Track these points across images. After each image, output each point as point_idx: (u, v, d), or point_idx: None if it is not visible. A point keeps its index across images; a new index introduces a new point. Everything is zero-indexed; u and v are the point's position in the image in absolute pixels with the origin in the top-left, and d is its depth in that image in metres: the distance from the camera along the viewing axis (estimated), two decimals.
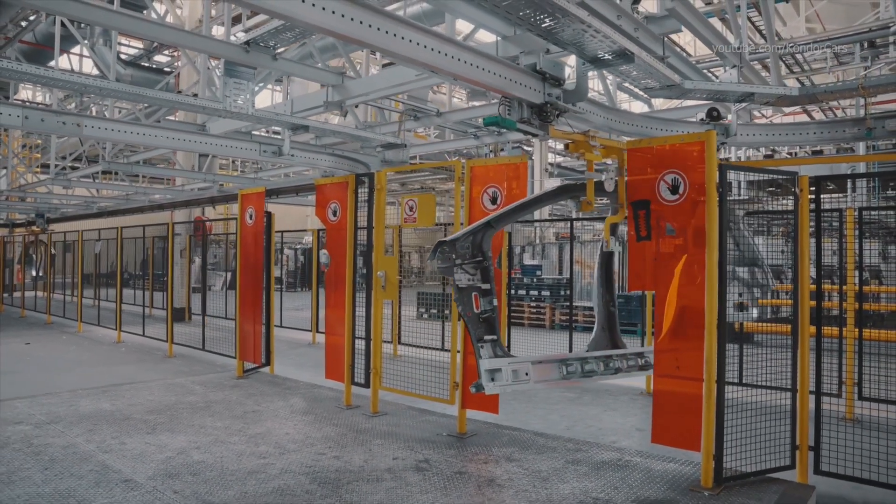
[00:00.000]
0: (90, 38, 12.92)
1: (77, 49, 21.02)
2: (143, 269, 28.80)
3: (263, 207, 9.01)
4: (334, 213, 7.68)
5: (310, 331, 14.53)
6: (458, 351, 6.50)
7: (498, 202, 6.20)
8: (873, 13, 16.94)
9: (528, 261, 20.40)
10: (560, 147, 20.19)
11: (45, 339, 14.55)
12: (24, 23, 12.48)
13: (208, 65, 9.08)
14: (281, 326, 15.27)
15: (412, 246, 35.40)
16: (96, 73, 17.96)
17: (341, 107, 7.86)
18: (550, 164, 22.54)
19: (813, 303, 5.35)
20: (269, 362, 9.48)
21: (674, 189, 5.17)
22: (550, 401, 8.47)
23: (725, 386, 4.96)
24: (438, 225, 11.39)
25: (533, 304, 17.08)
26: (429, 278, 33.81)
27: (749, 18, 13.69)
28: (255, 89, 7.68)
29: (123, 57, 17.71)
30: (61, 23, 9.48)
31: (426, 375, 7.29)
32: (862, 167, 17.58)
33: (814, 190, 5.32)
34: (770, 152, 21.74)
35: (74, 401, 7.73)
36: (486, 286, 5.25)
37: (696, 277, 5.03)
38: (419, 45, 4.60)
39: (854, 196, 16.46)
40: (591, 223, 27.96)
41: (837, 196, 17.01)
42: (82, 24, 10.48)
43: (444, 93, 17.90)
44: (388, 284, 6.81)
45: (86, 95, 13.36)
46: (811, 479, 5.05)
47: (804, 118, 20.34)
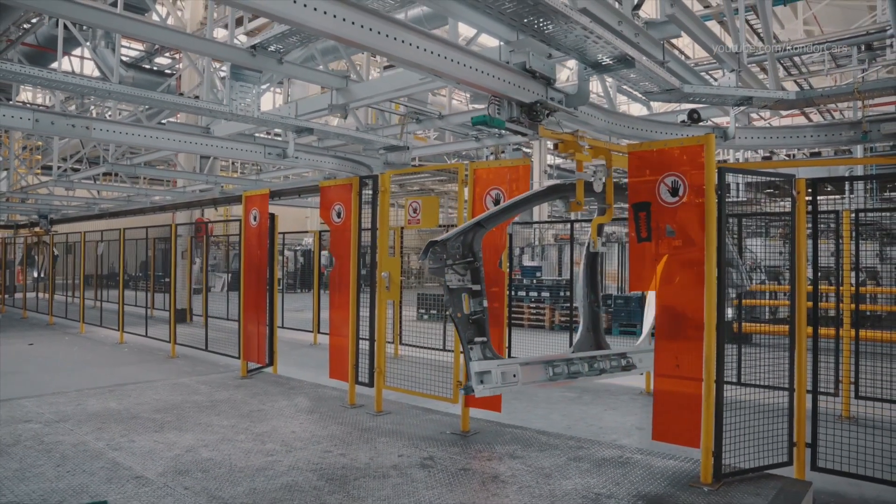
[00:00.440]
0: (92, 40, 13.02)
1: (78, 51, 21.17)
2: (142, 271, 28.90)
3: (268, 209, 9.10)
4: (338, 215, 7.78)
5: (311, 331, 14.61)
6: (462, 352, 6.60)
7: (500, 204, 6.30)
8: (870, 16, 17.08)
9: (527, 262, 20.51)
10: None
11: (48, 339, 14.63)
12: (26, 25, 12.58)
13: (211, 67, 9.16)
14: (282, 327, 15.36)
15: (412, 248, 35.50)
16: (97, 74, 18.08)
17: (346, 110, 7.97)
18: (549, 166, 22.65)
19: (810, 304, 5.46)
20: (272, 362, 9.58)
21: (674, 191, 5.27)
22: (551, 400, 8.57)
23: (724, 385, 5.07)
24: (441, 226, 11.52)
25: (532, 304, 17.20)
26: (428, 279, 33.90)
27: (747, 21, 13.80)
28: (259, 92, 7.77)
29: (124, 59, 17.76)
30: (64, 25, 9.57)
31: (428, 375, 7.38)
32: (860, 169, 17.70)
33: (811, 192, 5.43)
34: (768, 154, 21.86)
35: (82, 400, 7.82)
36: (477, 287, 5.22)
37: (694, 278, 5.13)
38: (412, 45, 4.55)
39: (852, 198, 16.58)
40: (588, 225, 28.06)
41: (835, 198, 17.15)
42: (84, 27, 10.55)
43: (444, 95, 18.02)
44: (392, 285, 6.90)
45: (87, 97, 13.45)
46: (808, 475, 5.16)
47: (802, 120, 20.46)
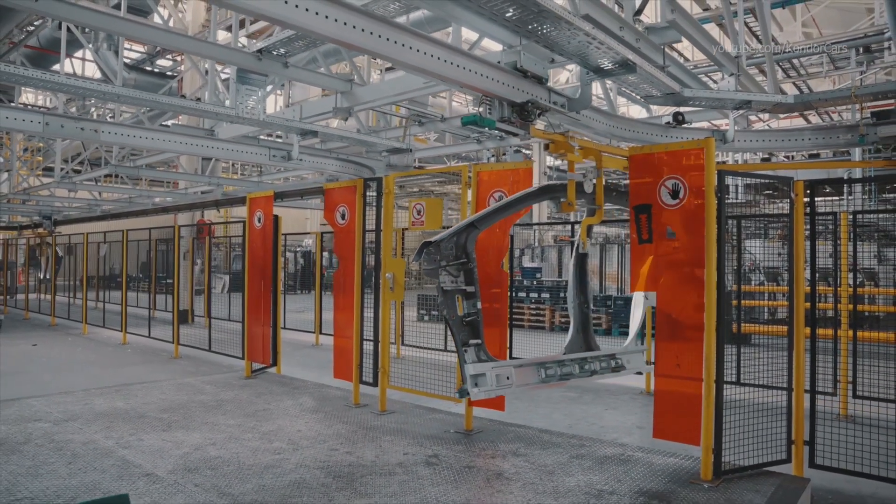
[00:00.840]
0: (94, 42, 13.10)
1: (79, 53, 21.23)
2: (142, 272, 28.98)
3: (272, 211, 9.20)
4: (342, 217, 7.87)
5: (312, 332, 14.69)
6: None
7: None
8: (868, 18, 17.19)
9: (527, 263, 20.61)
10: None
11: (52, 340, 14.72)
12: (29, 28, 12.67)
13: (215, 70, 9.24)
14: (284, 328, 15.41)
15: (413, 249, 35.58)
16: (99, 76, 18.15)
17: (350, 113, 8.06)
18: (549, 168, 22.75)
19: (808, 304, 5.56)
20: (276, 363, 9.67)
21: (674, 194, 5.37)
22: (552, 400, 8.66)
23: (724, 384, 5.17)
24: (445, 228, 11.56)
25: (533, 305, 17.30)
26: (428, 281, 33.98)
27: (746, 24, 13.90)
28: (265, 95, 7.86)
29: (126, 61, 17.84)
30: (67, 28, 9.63)
31: (430, 375, 7.48)
32: (858, 172, 17.80)
33: (809, 193, 5.53)
34: (767, 155, 21.97)
35: (89, 399, 7.91)
36: (471, 289, 5.20)
37: (694, 279, 5.23)
38: (397, 42, 4.53)
39: (850, 200, 16.67)
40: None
41: (833, 199, 17.23)
42: (86, 29, 10.62)
43: (445, 97, 18.10)
44: (396, 286, 7.00)
45: (87, 99, 13.52)
46: (806, 472, 5.27)
47: (801, 121, 20.57)
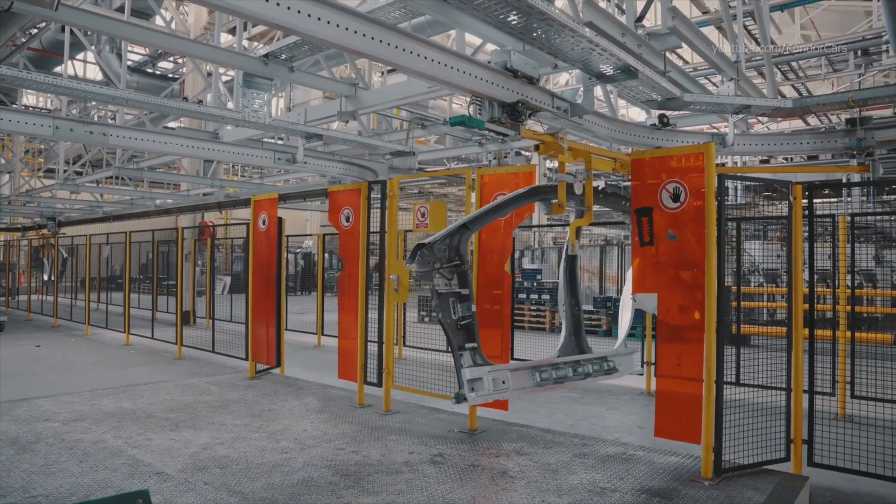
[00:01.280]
0: (97, 44, 13.18)
1: (80, 55, 21.32)
2: (143, 273, 29.04)
3: (276, 213, 9.30)
4: (347, 219, 7.97)
5: (314, 333, 14.77)
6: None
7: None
8: (866, 21, 17.31)
9: (527, 265, 20.70)
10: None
11: (55, 341, 14.80)
12: (32, 30, 12.75)
13: (216, 73, 9.32)
14: (286, 329, 15.52)
15: None
16: (100, 78, 18.24)
17: (354, 116, 8.16)
18: (549, 170, 22.84)
19: (806, 306, 5.65)
20: (279, 364, 9.76)
21: (675, 197, 5.48)
22: (554, 400, 8.75)
23: (724, 385, 5.27)
24: None
25: (533, 307, 17.42)
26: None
27: (745, 27, 14.01)
28: (270, 98, 7.95)
29: (128, 63, 17.93)
30: (70, 31, 9.69)
31: (432, 376, 7.58)
32: (857, 174, 17.88)
33: (807, 195, 5.63)
34: (766, 157, 22.05)
35: (95, 400, 7.99)
36: (465, 291, 5.12)
37: (694, 280, 5.33)
38: (382, 42, 4.39)
39: (849, 201, 16.76)
40: (588, 228, 28.26)
41: (832, 201, 17.30)
42: (87, 32, 10.68)
43: (445, 100, 18.20)
44: (401, 287, 7.09)
45: (88, 101, 13.60)
46: (805, 470, 5.37)
47: (800, 123, 20.67)
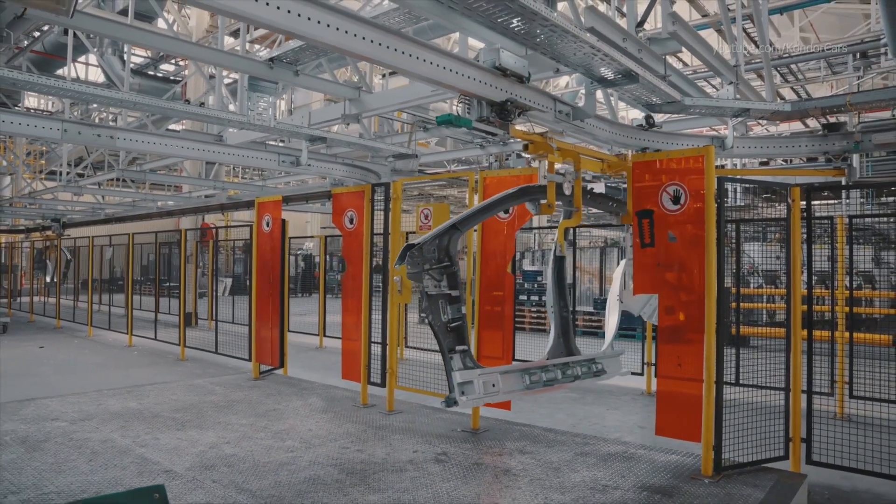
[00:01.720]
0: (99, 47, 13.26)
1: (82, 57, 21.42)
2: (143, 275, 29.13)
3: (280, 215, 9.39)
4: (351, 221, 8.05)
5: (315, 335, 14.84)
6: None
7: (510, 212, 6.59)
8: (865, 24, 17.41)
9: (528, 267, 20.79)
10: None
11: (58, 342, 14.87)
12: (35, 33, 12.84)
13: (220, 76, 9.38)
14: (288, 331, 15.61)
15: None
16: (102, 80, 18.32)
17: (358, 120, 8.24)
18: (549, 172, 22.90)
19: (805, 307, 5.74)
20: (283, 364, 9.84)
21: (675, 199, 5.57)
22: (555, 400, 8.83)
23: (724, 385, 5.35)
24: None
25: (534, 308, 17.50)
26: None
27: (744, 29, 14.10)
28: (275, 102, 8.05)
29: (130, 65, 18.03)
30: (73, 34, 9.75)
31: (434, 376, 7.65)
32: (856, 175, 17.97)
33: (806, 198, 5.72)
34: (766, 159, 22.16)
35: (102, 400, 8.07)
36: (455, 293, 5.06)
37: (694, 282, 5.42)
38: (364, 38, 4.35)
39: (848, 203, 16.85)
40: (587, 230, 28.38)
41: (832, 202, 17.38)
42: (90, 35, 10.74)
43: (447, 102, 18.29)
44: (405, 288, 7.17)
45: (90, 103, 13.68)
46: (803, 468, 5.45)
47: (799, 125, 20.77)
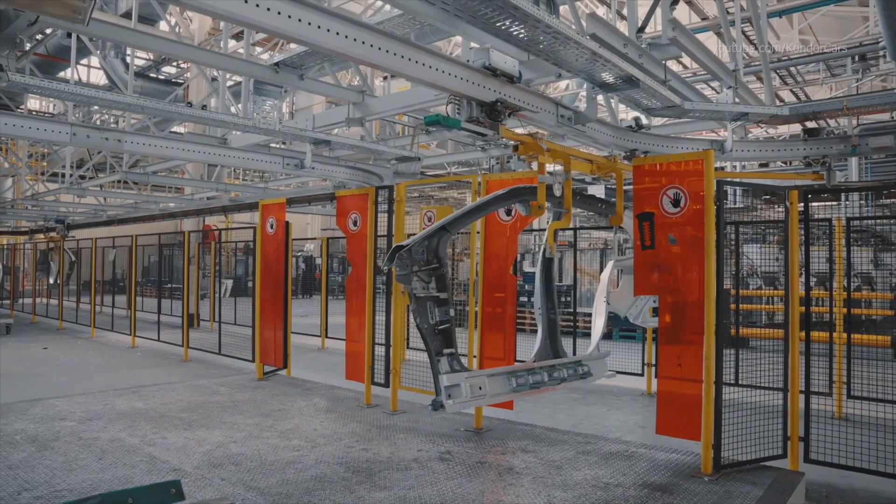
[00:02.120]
0: (102, 49, 13.37)
1: (84, 59, 21.51)
2: (144, 276, 29.23)
3: (284, 217, 9.49)
4: (355, 223, 8.15)
5: (317, 336, 14.92)
6: (475, 356, 7.00)
7: (512, 214, 6.69)
8: (863, 26, 17.53)
9: (528, 268, 20.88)
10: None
11: (61, 344, 14.95)
12: (39, 36, 12.95)
13: (223, 79, 9.47)
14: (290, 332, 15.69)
15: None
16: (105, 82, 18.42)
17: (362, 123, 8.35)
18: (549, 174, 23.01)
19: (802, 308, 5.84)
20: (286, 365, 9.93)
21: (675, 202, 5.67)
22: (556, 401, 8.93)
23: (723, 386, 5.45)
24: (458, 234, 11.92)
25: (534, 309, 17.56)
26: None
27: (744, 32, 14.19)
28: (280, 105, 8.15)
29: (133, 69, 18.12)
30: (76, 37, 9.81)
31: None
32: (855, 177, 18.07)
33: (804, 201, 5.82)
34: (764, 161, 22.27)
35: (108, 400, 8.16)
36: (443, 295, 5.03)
37: (694, 284, 5.52)
38: (346, 36, 4.29)
39: (847, 205, 16.94)
40: (587, 232, 28.50)
41: (831, 204, 17.49)
42: (93, 38, 10.81)
43: (449, 105, 18.34)
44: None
45: (91, 105, 13.77)
46: (801, 466, 5.54)
47: (799, 127, 20.89)
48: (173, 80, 21.12)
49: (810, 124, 8.42)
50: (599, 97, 6.93)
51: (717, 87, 7.76)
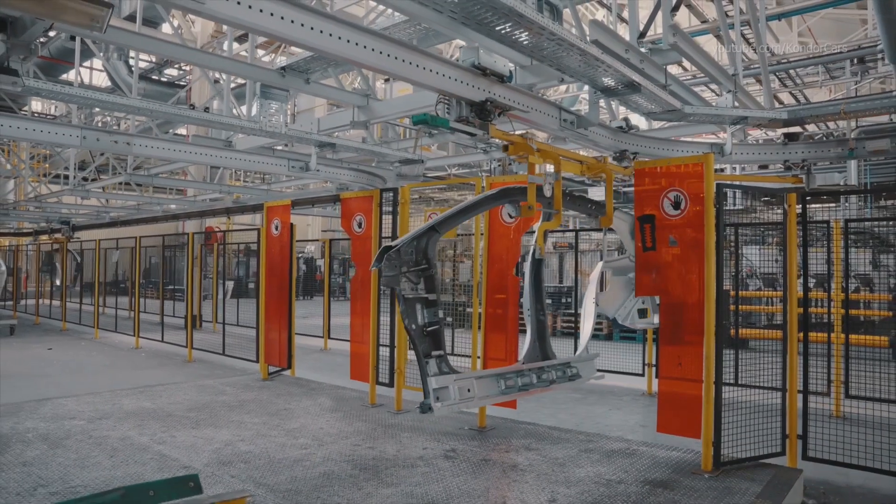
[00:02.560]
0: (105, 52, 13.47)
1: (87, 62, 21.60)
2: (145, 278, 29.33)
3: (289, 219, 9.60)
4: (359, 225, 8.26)
5: (319, 337, 15.02)
6: (479, 356, 7.11)
7: (514, 216, 6.79)
8: (862, 29, 17.64)
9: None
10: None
11: (65, 345, 15.05)
12: (42, 39, 13.05)
13: (228, 83, 9.57)
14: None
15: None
16: (107, 82, 18.54)
17: (367, 126, 8.46)
18: (549, 175, 23.13)
19: (801, 309, 5.95)
20: (290, 366, 10.03)
21: (676, 204, 5.78)
22: (557, 401, 9.03)
23: (723, 385, 5.56)
24: (460, 235, 12.08)
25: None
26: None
27: (743, 35, 14.29)
28: (286, 108, 8.26)
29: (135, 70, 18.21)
30: (81, 40, 9.91)
31: None
32: (854, 178, 18.18)
33: (807, 199, 5.94)
34: (763, 163, 22.36)
35: (116, 400, 8.26)
36: (432, 296, 4.97)
37: (694, 285, 5.63)
38: (323, 32, 4.30)
39: (846, 206, 17.03)
40: (587, 234, 28.62)
41: (830, 206, 17.59)
42: (96, 41, 10.90)
43: None
44: None
45: (93, 108, 13.90)
46: (799, 464, 5.65)
47: (798, 129, 20.99)
48: (175, 82, 21.25)
49: (792, 129, 8.53)
50: (601, 101, 7.06)
51: (717, 89, 7.87)
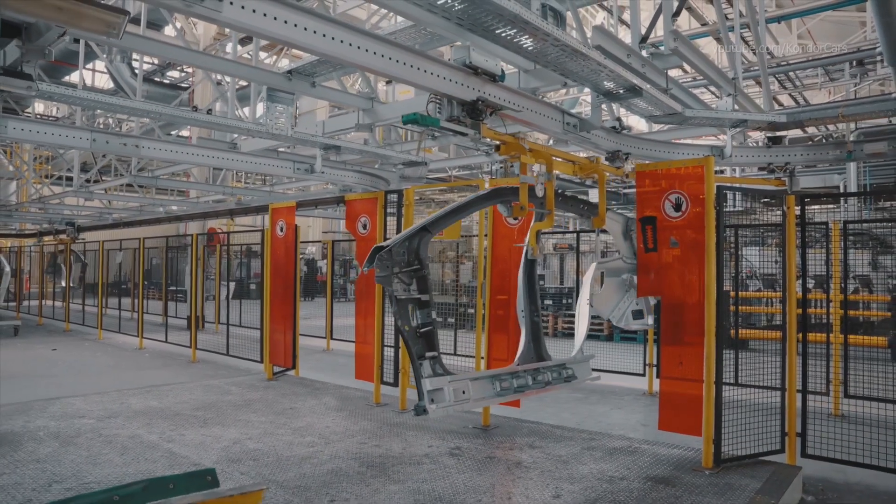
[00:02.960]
0: (108, 54, 13.56)
1: (90, 63, 21.73)
2: (147, 279, 29.41)
3: (294, 221, 9.71)
4: (364, 227, 8.36)
5: (322, 337, 15.12)
6: (483, 357, 7.21)
7: (519, 217, 6.87)
8: (861, 31, 17.76)
9: None
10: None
11: (69, 345, 15.14)
12: None
13: (232, 85, 9.66)
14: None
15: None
16: (110, 84, 18.64)
17: (371, 129, 8.57)
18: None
19: (800, 310, 6.05)
20: (294, 366, 10.13)
21: (677, 206, 5.88)
22: (559, 400, 9.13)
23: (723, 385, 5.66)
24: (463, 236, 12.18)
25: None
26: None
27: (743, 37, 14.40)
28: (291, 111, 8.35)
29: (137, 72, 18.30)
30: (85, 42, 9.97)
31: None
32: (853, 179, 18.28)
33: (806, 201, 6.04)
34: (763, 165, 22.47)
35: (123, 399, 8.36)
36: (425, 297, 4.91)
37: (694, 286, 5.73)
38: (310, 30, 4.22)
39: (845, 207, 17.13)
40: (587, 235, 28.71)
41: (829, 207, 17.69)
42: (99, 43, 10.94)
43: None
44: None
45: (95, 109, 13.97)
46: (798, 461, 5.76)
47: (798, 131, 21.11)
48: (177, 84, 21.34)
49: (781, 133, 8.64)
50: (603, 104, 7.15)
51: (717, 91, 7.98)
